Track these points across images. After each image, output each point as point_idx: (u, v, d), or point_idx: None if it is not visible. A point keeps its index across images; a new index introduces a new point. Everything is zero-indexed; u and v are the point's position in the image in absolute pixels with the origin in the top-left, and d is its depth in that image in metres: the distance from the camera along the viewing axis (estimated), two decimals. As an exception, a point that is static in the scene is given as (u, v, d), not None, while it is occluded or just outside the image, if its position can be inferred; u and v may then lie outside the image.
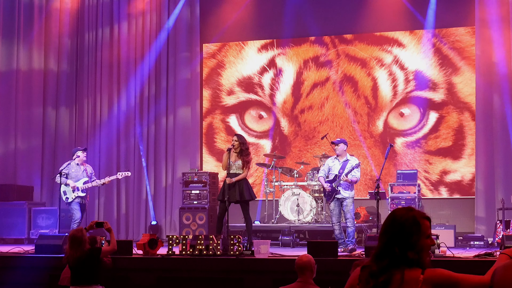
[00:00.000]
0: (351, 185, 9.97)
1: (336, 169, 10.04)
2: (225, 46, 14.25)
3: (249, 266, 8.25)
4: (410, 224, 2.84)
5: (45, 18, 14.21)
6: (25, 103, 13.94)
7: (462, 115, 12.88)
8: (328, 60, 13.62)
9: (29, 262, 8.89)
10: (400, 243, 2.81)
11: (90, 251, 6.77)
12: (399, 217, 2.87)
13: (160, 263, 8.56)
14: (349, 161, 10.03)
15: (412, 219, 2.85)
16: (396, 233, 2.83)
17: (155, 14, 14.02)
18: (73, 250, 6.71)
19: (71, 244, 6.73)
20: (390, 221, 2.88)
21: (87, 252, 6.72)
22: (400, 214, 2.88)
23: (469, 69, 12.82)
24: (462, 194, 12.77)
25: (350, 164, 9.95)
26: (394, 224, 2.85)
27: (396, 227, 2.84)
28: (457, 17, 12.98)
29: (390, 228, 2.86)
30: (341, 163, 10.03)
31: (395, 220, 2.86)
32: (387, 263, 2.80)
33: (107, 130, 13.97)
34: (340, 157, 10.10)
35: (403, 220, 2.85)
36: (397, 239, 2.82)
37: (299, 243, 11.43)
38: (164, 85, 13.87)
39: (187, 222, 12.35)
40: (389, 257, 2.81)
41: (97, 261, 6.87)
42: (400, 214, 2.88)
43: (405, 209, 2.92)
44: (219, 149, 13.90)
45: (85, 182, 10.74)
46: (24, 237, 12.61)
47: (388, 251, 2.82)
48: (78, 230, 6.94)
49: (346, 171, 9.89)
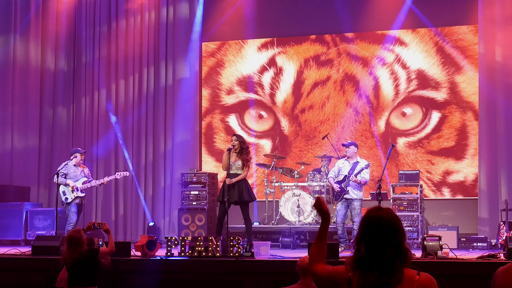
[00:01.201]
0: (360, 186, 10.22)
1: (346, 170, 10.33)
2: (224, 44, 14.24)
3: (249, 268, 8.24)
4: (399, 223, 2.84)
5: (42, 16, 14.21)
6: (21, 102, 13.94)
7: (465, 114, 12.87)
8: (329, 59, 13.62)
9: (26, 264, 8.88)
10: (394, 243, 2.79)
11: (87, 252, 6.77)
12: (387, 217, 2.84)
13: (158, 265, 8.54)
14: (359, 163, 10.32)
15: (398, 219, 2.85)
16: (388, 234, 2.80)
17: (154, 12, 14.01)
18: (70, 251, 6.70)
19: (69, 245, 6.73)
20: (377, 222, 2.83)
21: (84, 253, 6.72)
22: (385, 215, 2.85)
23: (472, 68, 12.81)
24: (465, 195, 12.77)
25: (360, 165, 10.23)
26: (393, 225, 2.82)
27: (397, 226, 2.82)
28: (460, 15, 12.97)
29: (380, 229, 2.81)
30: (351, 165, 10.31)
31: (391, 220, 2.83)
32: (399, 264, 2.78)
33: (105, 129, 13.97)
34: (350, 159, 10.39)
35: (393, 219, 2.83)
36: (390, 240, 2.79)
37: (300, 244, 11.44)
38: (163, 84, 13.86)
39: (186, 223, 12.34)
40: (400, 258, 2.78)
41: (95, 263, 6.87)
42: (385, 215, 2.85)
43: (384, 209, 2.90)
44: (218, 149, 13.89)
45: (84, 182, 10.74)
46: (21, 239, 12.60)
47: (398, 252, 2.79)
48: (76, 231, 6.94)
49: (355, 172, 10.17)
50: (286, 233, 11.42)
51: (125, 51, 14.04)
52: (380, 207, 2.91)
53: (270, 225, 12.25)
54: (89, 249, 6.83)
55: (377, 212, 2.87)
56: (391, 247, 2.77)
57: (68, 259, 6.72)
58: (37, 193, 13.83)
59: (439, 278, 3.65)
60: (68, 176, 10.69)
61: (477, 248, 10.61)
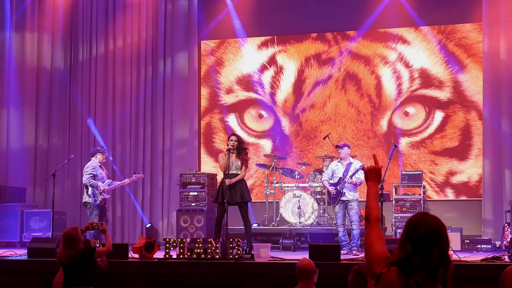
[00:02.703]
0: (355, 187, 10.36)
1: (340, 172, 10.45)
2: (224, 43, 14.24)
3: (248, 270, 8.25)
4: (445, 229, 2.81)
5: (38, 12, 14.19)
6: (17, 102, 13.93)
7: (468, 114, 12.87)
8: (330, 58, 13.62)
9: (22, 266, 8.88)
10: (440, 248, 2.76)
11: (84, 251, 6.74)
12: (434, 222, 2.81)
13: (157, 267, 8.55)
14: (353, 164, 10.43)
15: (444, 225, 2.83)
16: (434, 238, 2.78)
17: (152, 9, 13.99)
18: (66, 248, 6.67)
19: (65, 242, 6.69)
20: (435, 226, 2.80)
21: (80, 252, 6.69)
22: (432, 220, 2.83)
23: (476, 66, 12.81)
24: (469, 196, 12.77)
25: (354, 166, 10.35)
26: (439, 230, 2.79)
27: (442, 232, 2.79)
28: (464, 13, 12.96)
29: (427, 232, 2.78)
30: (345, 166, 10.46)
31: (437, 225, 2.80)
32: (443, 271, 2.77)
33: (102, 129, 13.96)
34: (343, 160, 10.53)
35: (439, 224, 2.80)
36: (436, 244, 2.77)
37: (301, 246, 11.44)
38: (161, 82, 13.86)
39: (184, 224, 12.33)
40: (443, 264, 2.75)
41: (91, 262, 6.84)
42: (431, 219, 2.83)
43: (430, 214, 2.88)
44: (217, 149, 13.88)
45: (109, 184, 10.87)
46: (17, 240, 12.60)
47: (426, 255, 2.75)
48: (73, 228, 6.90)
49: (350, 173, 10.29)
50: (286, 235, 11.41)
51: (122, 49, 14.03)
52: (426, 212, 2.90)
53: (270, 227, 12.25)
54: (85, 248, 6.81)
55: (423, 215, 2.86)
56: (437, 251, 2.75)
57: (64, 257, 6.68)
58: (33, 194, 13.83)
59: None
60: (96, 177, 10.75)
61: (481, 250, 10.60)
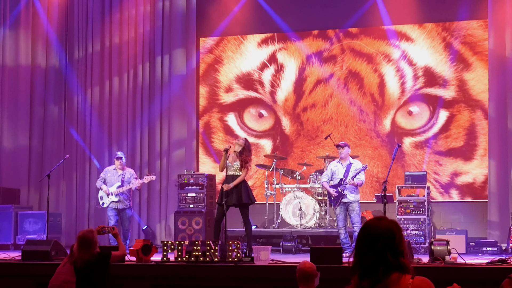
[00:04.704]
0: (356, 188, 10.34)
1: (341, 173, 10.37)
2: (223, 40, 14.25)
3: (248, 274, 8.25)
4: (399, 230, 3.01)
5: (33, 9, 14.21)
6: (11, 101, 13.95)
7: (474, 113, 12.87)
8: (332, 55, 13.62)
9: (16, 269, 8.88)
10: (392, 250, 2.94)
11: (99, 255, 6.59)
12: (373, 226, 3.02)
13: (154, 270, 8.55)
14: (353, 164, 10.40)
15: (398, 226, 3.04)
16: (388, 240, 2.96)
17: (149, 6, 14.01)
18: (81, 252, 6.52)
19: (80, 245, 6.54)
20: (377, 230, 3.01)
21: (96, 256, 6.56)
22: (374, 223, 3.03)
23: (481, 64, 12.82)
24: (474, 197, 12.77)
25: (354, 167, 10.30)
26: (383, 232, 2.99)
27: (386, 234, 2.98)
28: (469, 10, 12.97)
29: (378, 237, 2.98)
30: (345, 167, 10.41)
31: (383, 228, 3.00)
32: (382, 271, 2.94)
33: (98, 129, 13.97)
34: (343, 160, 10.48)
35: (392, 227, 3.00)
36: (389, 247, 2.95)
37: (302, 249, 11.45)
38: (159, 81, 13.87)
39: (183, 227, 12.34)
40: (382, 265, 2.94)
41: (106, 267, 6.70)
42: (374, 223, 3.04)
43: (380, 218, 3.08)
44: (216, 149, 13.89)
45: (118, 187, 11.19)
46: (10, 243, 12.62)
47: (381, 259, 2.94)
48: (89, 231, 6.77)
49: (351, 174, 10.25)
50: (287, 237, 11.42)
51: (119, 47, 14.05)
52: (380, 217, 3.09)
53: (271, 229, 12.25)
54: (101, 252, 6.70)
55: (368, 221, 3.08)
56: (372, 256, 2.94)
57: (79, 261, 6.51)
58: (27, 195, 13.84)
59: (447, 284, 3.66)
60: (105, 181, 11.35)
61: (487, 253, 10.62)
